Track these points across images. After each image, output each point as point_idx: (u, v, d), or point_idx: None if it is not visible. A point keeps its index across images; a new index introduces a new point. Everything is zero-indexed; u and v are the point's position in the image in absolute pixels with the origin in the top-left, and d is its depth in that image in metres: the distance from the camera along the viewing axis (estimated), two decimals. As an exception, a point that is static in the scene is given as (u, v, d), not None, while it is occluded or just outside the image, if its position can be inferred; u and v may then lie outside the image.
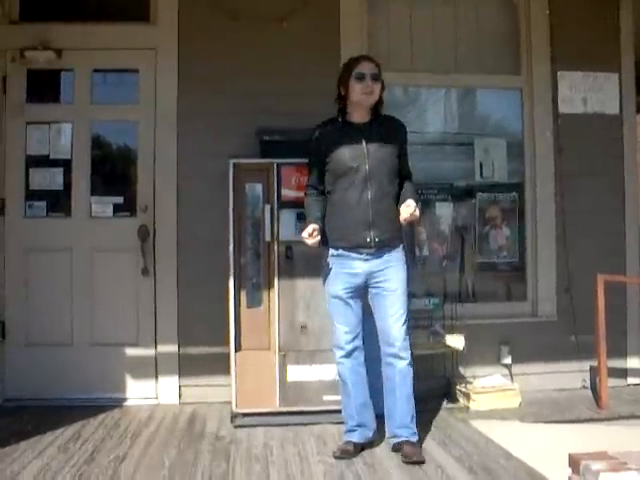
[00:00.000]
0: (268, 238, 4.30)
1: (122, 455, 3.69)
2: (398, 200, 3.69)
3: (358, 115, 3.74)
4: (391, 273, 3.65)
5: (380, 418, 3.82)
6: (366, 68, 3.68)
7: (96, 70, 4.89)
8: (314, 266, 4.23)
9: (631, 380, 5.16)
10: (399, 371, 3.64)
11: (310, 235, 3.61)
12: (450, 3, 5.19)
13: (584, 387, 5.04)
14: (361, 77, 3.66)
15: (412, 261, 3.86)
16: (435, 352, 4.64)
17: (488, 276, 5.30)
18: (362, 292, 3.74)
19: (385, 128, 3.71)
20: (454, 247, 5.22)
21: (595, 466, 2.70)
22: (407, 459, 3.55)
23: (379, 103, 3.76)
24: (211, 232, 4.57)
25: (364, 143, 3.65)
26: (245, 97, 4.75)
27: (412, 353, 3.72)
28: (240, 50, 4.80)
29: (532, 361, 4.97)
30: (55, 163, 4.84)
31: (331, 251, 3.73)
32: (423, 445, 3.78)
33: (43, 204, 4.84)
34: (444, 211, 5.21)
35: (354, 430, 3.76)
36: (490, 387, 4.69)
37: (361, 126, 3.71)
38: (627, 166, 5.23)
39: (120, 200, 4.89)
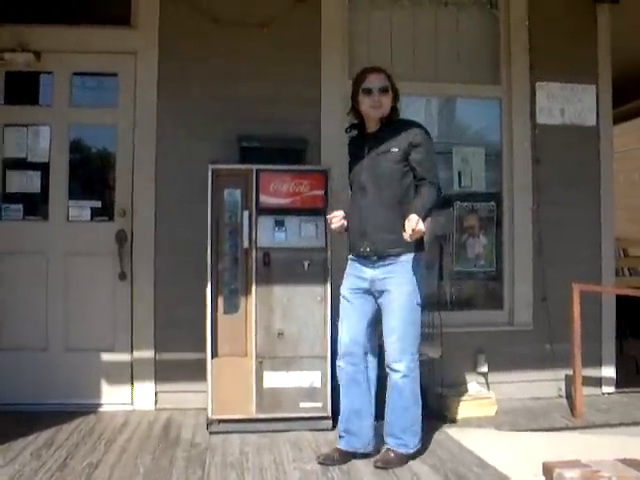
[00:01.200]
0: (246, 244, 4.29)
1: (96, 462, 3.65)
2: (407, 207, 3.61)
3: (370, 126, 3.79)
4: (392, 284, 3.64)
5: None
6: (374, 81, 3.70)
7: (75, 73, 4.86)
8: (292, 273, 4.27)
9: (605, 389, 5.20)
10: (392, 383, 3.67)
11: (333, 218, 3.71)
12: (431, 13, 5.22)
13: (560, 396, 5.08)
14: (368, 92, 3.69)
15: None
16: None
17: (465, 284, 5.33)
18: (369, 298, 3.73)
19: (390, 135, 3.69)
20: (432, 255, 5.23)
21: (568, 474, 2.74)
22: (374, 462, 3.62)
23: (393, 112, 3.77)
24: (189, 237, 4.55)
25: (365, 153, 3.71)
26: (225, 103, 4.74)
27: (418, 367, 3.74)
28: (221, 56, 4.79)
29: (508, 370, 4.99)
30: (33, 166, 4.80)
31: (349, 255, 3.83)
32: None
33: (20, 207, 4.79)
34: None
35: (342, 436, 3.75)
36: (466, 395, 4.71)
37: (368, 136, 3.77)
38: (603, 177, 5.28)
39: (98, 204, 4.86)
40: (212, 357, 4.26)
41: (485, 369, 5.00)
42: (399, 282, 3.63)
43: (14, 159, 4.80)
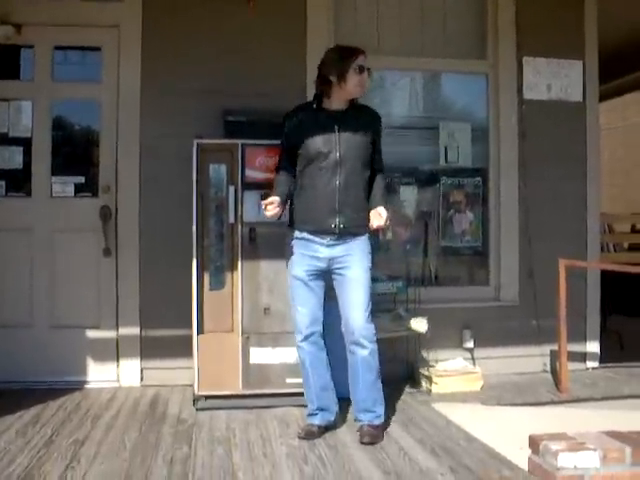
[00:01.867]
0: (232, 220, 4.26)
1: (82, 438, 3.64)
2: (368, 190, 3.73)
3: (337, 103, 3.72)
4: (353, 261, 3.66)
5: (345, 400, 3.85)
6: (365, 62, 3.69)
7: (57, 47, 4.78)
8: (278, 248, 4.21)
9: (590, 364, 5.25)
10: (360, 359, 3.67)
11: (268, 205, 3.59)
12: (417, -14, 5.18)
13: (545, 371, 5.11)
14: (362, 70, 3.67)
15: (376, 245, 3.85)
16: (398, 335, 4.65)
17: (451, 260, 5.35)
18: (325, 277, 3.74)
19: (360, 117, 3.72)
20: (418, 231, 5.24)
21: (554, 446, 2.75)
22: (361, 439, 3.62)
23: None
24: (174, 213, 4.53)
25: (337, 130, 3.64)
26: (210, 77, 4.70)
27: (377, 340, 3.71)
28: (206, 29, 4.73)
29: (494, 345, 5.02)
30: (15, 141, 4.73)
31: (296, 233, 3.74)
32: (387, 428, 3.80)
33: (2, 183, 4.73)
34: (408, 195, 5.23)
35: (315, 414, 3.78)
36: (452, 370, 4.73)
37: (336, 113, 3.70)
38: (590, 153, 5.29)
39: (81, 180, 4.80)
40: (198, 333, 4.24)
41: (471, 344, 5.03)
42: (359, 259, 3.67)
43: (-5, 134, 4.73)
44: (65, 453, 3.40)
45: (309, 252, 3.69)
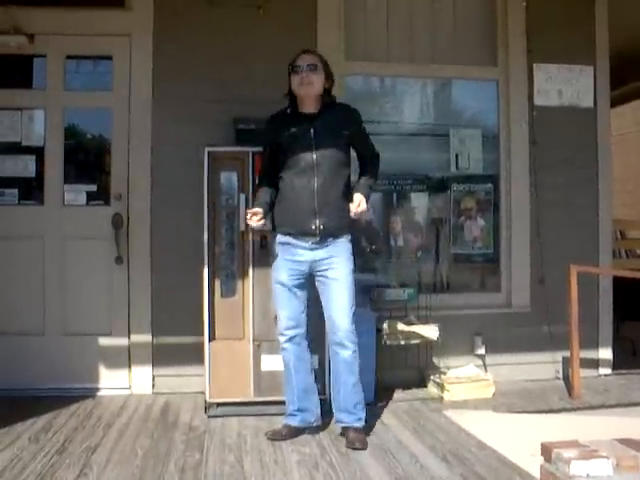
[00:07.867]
0: (243, 227, 4.27)
1: (94, 445, 3.65)
2: (348, 191, 3.76)
3: (306, 106, 3.78)
4: (336, 263, 3.71)
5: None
6: (303, 60, 3.75)
7: (69, 56, 4.81)
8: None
9: (602, 370, 5.22)
10: (343, 360, 3.72)
11: (252, 215, 3.65)
12: (428, -7, 5.18)
13: (557, 378, 5.09)
14: (296, 69, 3.74)
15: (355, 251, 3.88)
16: (409, 342, 4.65)
17: (463, 267, 5.33)
18: (308, 280, 3.79)
19: (335, 117, 3.75)
20: (429, 238, 5.23)
21: (567, 454, 2.73)
22: (350, 445, 3.64)
23: (328, 93, 3.80)
24: (185, 221, 4.54)
25: (312, 133, 3.70)
26: (221, 84, 4.72)
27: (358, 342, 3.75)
28: (216, 37, 4.75)
29: (506, 352, 5.00)
30: (27, 150, 4.76)
31: (278, 237, 3.80)
32: (398, 435, 3.84)
33: (15, 192, 4.76)
34: (419, 202, 5.23)
35: (294, 415, 3.85)
36: (464, 377, 4.72)
37: (310, 116, 3.77)
38: (601, 159, 5.27)
39: (93, 188, 4.84)
40: (209, 340, 4.25)
41: (483, 351, 5.01)
42: (342, 261, 3.72)
43: (8, 143, 4.75)
44: (77, 460, 3.41)
45: (292, 257, 3.74)
